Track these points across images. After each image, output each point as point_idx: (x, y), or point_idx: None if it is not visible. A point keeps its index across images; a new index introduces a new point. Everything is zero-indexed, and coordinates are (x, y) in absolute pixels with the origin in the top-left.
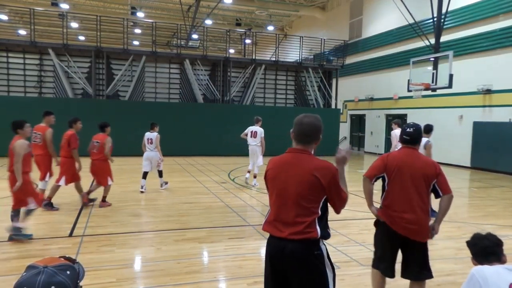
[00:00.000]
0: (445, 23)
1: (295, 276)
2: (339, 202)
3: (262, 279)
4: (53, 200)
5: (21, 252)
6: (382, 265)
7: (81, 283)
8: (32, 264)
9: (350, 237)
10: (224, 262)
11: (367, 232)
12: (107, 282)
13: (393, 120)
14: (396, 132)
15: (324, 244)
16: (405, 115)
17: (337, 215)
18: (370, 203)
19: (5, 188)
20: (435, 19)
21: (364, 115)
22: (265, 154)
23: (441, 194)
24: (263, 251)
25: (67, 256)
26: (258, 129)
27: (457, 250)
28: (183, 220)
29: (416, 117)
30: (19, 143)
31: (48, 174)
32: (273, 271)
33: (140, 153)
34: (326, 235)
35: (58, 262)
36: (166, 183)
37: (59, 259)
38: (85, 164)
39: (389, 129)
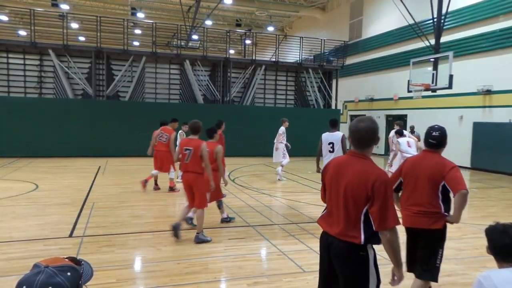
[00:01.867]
0: (445, 23)
1: (339, 272)
2: (380, 216)
3: (262, 279)
4: (57, 200)
5: (22, 253)
6: (408, 265)
7: (87, 284)
8: (36, 263)
9: None
10: (224, 263)
11: None
12: (107, 283)
13: (393, 120)
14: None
15: (373, 249)
16: (405, 115)
17: None
18: (398, 208)
19: (5, 188)
20: (435, 19)
21: (364, 115)
22: (263, 154)
23: (451, 194)
24: (263, 252)
25: (73, 257)
26: (280, 129)
27: (457, 251)
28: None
29: (416, 118)
30: (221, 149)
31: (172, 167)
32: (322, 262)
33: (139, 154)
34: (375, 240)
35: (61, 263)
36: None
37: (63, 259)
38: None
39: (389, 130)
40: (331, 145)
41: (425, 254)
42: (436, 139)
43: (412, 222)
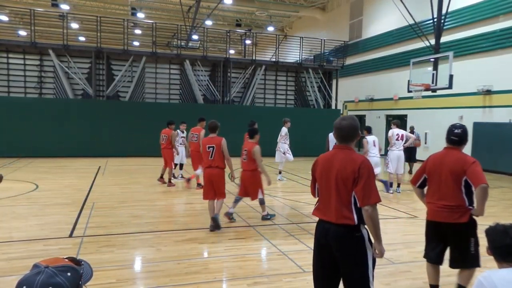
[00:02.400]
0: (445, 23)
1: (339, 254)
2: (363, 194)
3: (262, 279)
4: (57, 200)
5: (21, 253)
6: (429, 255)
7: (87, 284)
8: (36, 263)
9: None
10: (224, 263)
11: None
12: (107, 283)
13: (393, 120)
14: (395, 131)
15: (366, 228)
16: (405, 115)
17: None
18: (424, 203)
19: (5, 188)
20: (435, 19)
21: (364, 115)
22: (264, 154)
23: (473, 188)
24: (263, 252)
25: (73, 257)
26: (282, 130)
27: None
28: (183, 221)
29: (416, 118)
30: (259, 149)
31: (200, 166)
32: (319, 250)
33: (139, 154)
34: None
35: (61, 263)
36: (182, 176)
37: (63, 259)
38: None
39: (389, 130)
40: None
41: (458, 245)
42: (458, 136)
43: (439, 216)
